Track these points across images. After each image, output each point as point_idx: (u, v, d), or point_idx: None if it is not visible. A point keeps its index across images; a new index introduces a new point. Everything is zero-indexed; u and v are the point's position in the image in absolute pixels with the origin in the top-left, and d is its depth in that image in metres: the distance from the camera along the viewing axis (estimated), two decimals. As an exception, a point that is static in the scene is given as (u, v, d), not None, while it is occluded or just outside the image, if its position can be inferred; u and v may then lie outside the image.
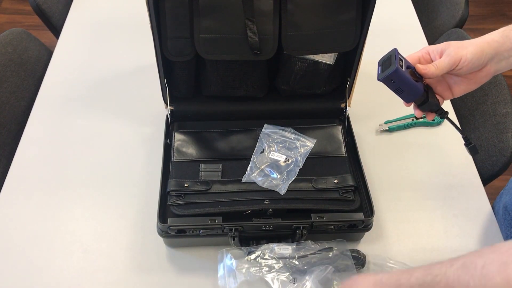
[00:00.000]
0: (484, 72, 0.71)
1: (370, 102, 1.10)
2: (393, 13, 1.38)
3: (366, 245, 0.88)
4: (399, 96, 0.73)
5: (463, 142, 0.79)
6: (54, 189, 0.95)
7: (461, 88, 0.75)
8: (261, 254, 0.79)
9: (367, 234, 0.86)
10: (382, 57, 0.73)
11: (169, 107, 0.98)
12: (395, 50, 0.71)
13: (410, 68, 0.72)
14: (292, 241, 0.82)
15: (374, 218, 0.82)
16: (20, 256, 0.85)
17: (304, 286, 0.76)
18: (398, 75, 0.68)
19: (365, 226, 0.82)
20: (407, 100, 0.74)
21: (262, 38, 0.87)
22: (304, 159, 0.91)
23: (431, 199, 0.95)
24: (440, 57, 0.71)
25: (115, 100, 1.12)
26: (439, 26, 1.43)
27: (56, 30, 1.36)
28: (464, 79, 0.73)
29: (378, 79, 0.71)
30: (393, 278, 0.65)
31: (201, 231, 0.80)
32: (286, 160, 0.90)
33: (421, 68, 0.71)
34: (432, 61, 0.72)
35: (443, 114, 0.76)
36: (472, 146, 0.78)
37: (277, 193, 0.85)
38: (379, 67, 0.72)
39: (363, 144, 1.03)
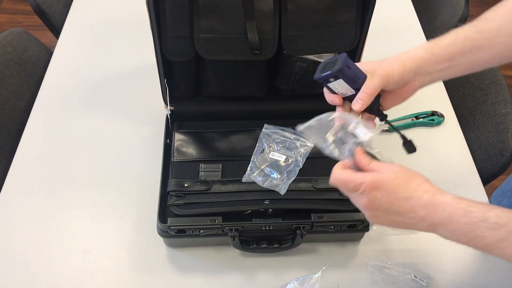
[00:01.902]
0: (408, 87, 0.71)
1: (370, 102, 1.10)
2: (393, 13, 1.37)
3: (366, 245, 0.88)
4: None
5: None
6: (54, 189, 0.95)
7: (388, 102, 0.73)
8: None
9: (367, 234, 0.86)
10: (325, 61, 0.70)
11: (169, 107, 0.98)
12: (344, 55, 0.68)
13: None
14: (292, 243, 0.82)
15: (374, 218, 0.82)
16: (20, 256, 0.85)
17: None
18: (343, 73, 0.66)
19: (365, 226, 0.82)
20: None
21: (262, 38, 0.87)
22: (304, 159, 0.91)
23: (431, 199, 0.95)
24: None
25: (115, 100, 1.12)
26: (439, 26, 1.43)
27: (56, 30, 1.36)
28: (390, 93, 0.72)
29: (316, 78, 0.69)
30: (464, 202, 0.59)
31: (201, 231, 0.80)
32: (286, 160, 0.90)
33: (358, 102, 0.68)
34: None
35: (383, 117, 0.74)
36: (410, 145, 0.75)
37: (277, 193, 0.85)
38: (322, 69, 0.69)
39: (363, 144, 1.03)
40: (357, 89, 0.67)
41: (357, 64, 0.69)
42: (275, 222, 0.82)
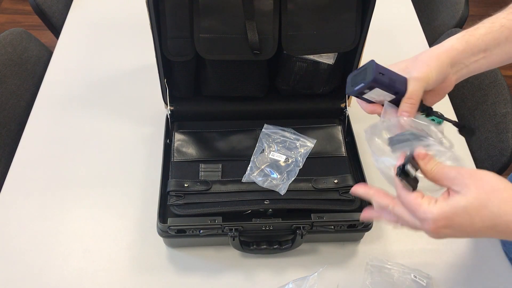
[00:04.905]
0: (447, 83, 0.66)
1: (370, 102, 1.10)
2: (393, 13, 1.38)
3: (366, 245, 0.88)
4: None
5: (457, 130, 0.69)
6: (54, 189, 0.95)
7: (428, 101, 0.67)
8: None
9: (367, 234, 0.86)
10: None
11: (169, 107, 0.98)
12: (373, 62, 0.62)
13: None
14: (292, 244, 0.82)
15: (374, 218, 0.82)
16: (20, 256, 0.85)
17: None
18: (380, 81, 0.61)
19: (365, 226, 0.82)
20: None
21: (262, 38, 0.87)
22: (304, 159, 0.91)
23: (431, 199, 0.95)
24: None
25: (115, 100, 1.12)
26: (439, 26, 1.43)
27: (56, 30, 1.36)
28: (429, 92, 0.66)
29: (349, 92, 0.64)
30: None
31: (201, 231, 0.80)
32: (286, 160, 0.90)
33: (405, 114, 0.62)
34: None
35: (429, 112, 0.67)
36: (467, 129, 0.68)
37: (277, 193, 0.85)
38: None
39: (363, 144, 1.02)
40: (396, 93, 0.63)
41: (389, 66, 0.64)
42: (275, 222, 0.82)
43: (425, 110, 0.65)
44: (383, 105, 0.65)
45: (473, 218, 0.50)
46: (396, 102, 0.64)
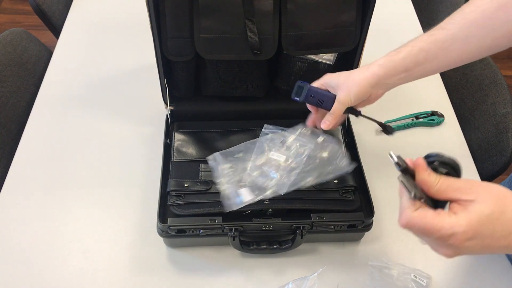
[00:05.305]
0: (372, 97, 0.78)
1: (370, 102, 1.10)
2: (393, 13, 1.38)
3: (366, 245, 0.88)
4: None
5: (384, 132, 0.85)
6: (54, 189, 0.95)
7: (359, 106, 0.81)
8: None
9: (367, 234, 0.86)
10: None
11: (169, 107, 0.98)
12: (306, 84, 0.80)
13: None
14: (292, 244, 0.82)
15: (374, 218, 0.82)
16: (20, 256, 0.85)
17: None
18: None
19: (365, 226, 0.82)
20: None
21: (262, 38, 0.87)
22: (304, 159, 0.90)
23: (431, 199, 0.95)
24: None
25: (115, 100, 1.12)
26: (439, 26, 1.43)
27: (56, 30, 1.36)
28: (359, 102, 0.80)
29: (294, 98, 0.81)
30: None
31: (201, 231, 0.80)
32: (286, 160, 0.90)
33: (325, 122, 0.79)
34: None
35: (357, 114, 0.82)
36: (387, 127, 0.84)
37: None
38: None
39: (363, 144, 1.03)
40: (325, 108, 0.80)
41: (328, 76, 0.80)
42: (275, 222, 0.82)
43: (355, 113, 0.81)
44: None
45: (495, 226, 0.49)
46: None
